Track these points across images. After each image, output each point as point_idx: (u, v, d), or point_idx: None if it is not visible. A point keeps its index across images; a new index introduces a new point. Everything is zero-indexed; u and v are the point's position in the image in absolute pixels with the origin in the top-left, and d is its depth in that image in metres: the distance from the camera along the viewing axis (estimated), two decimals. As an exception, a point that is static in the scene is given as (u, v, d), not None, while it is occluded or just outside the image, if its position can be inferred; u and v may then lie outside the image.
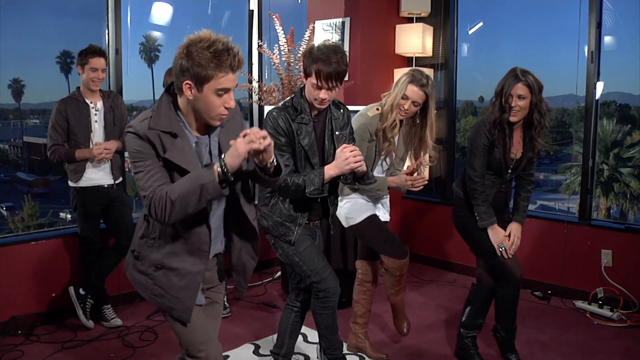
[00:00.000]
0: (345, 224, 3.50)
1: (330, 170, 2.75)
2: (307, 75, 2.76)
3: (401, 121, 3.36)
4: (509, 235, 3.34)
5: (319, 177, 2.75)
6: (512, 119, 3.16)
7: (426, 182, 3.33)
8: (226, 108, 2.04)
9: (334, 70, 2.67)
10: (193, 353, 2.27)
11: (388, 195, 3.64)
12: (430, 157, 3.41)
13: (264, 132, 1.94)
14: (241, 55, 2.01)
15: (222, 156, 1.96)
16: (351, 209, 3.44)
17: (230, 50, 1.96)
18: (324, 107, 2.83)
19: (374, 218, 3.47)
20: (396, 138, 3.40)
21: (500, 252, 3.26)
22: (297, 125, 2.81)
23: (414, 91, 3.21)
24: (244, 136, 1.93)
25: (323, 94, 2.73)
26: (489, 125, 3.21)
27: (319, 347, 3.32)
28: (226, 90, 2.00)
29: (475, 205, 3.29)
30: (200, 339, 2.26)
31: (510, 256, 3.27)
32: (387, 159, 3.47)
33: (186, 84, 1.97)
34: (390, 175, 3.48)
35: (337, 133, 2.92)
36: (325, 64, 2.67)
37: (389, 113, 3.27)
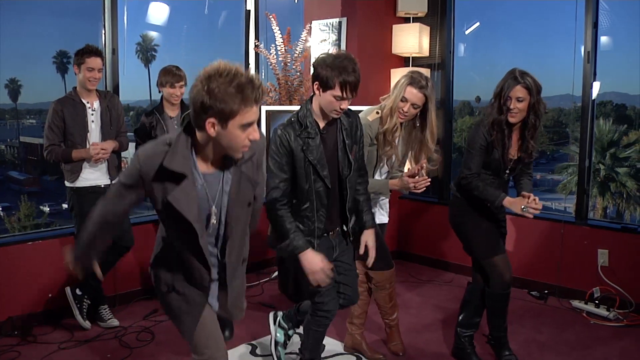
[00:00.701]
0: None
1: (303, 257, 2.74)
2: (326, 87, 2.68)
3: (401, 124, 3.33)
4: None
5: (294, 250, 2.75)
6: (511, 120, 3.16)
7: (429, 182, 3.26)
8: (251, 140, 1.99)
9: (357, 80, 2.68)
10: (197, 352, 2.31)
11: (388, 197, 3.63)
12: (433, 160, 3.39)
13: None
14: (263, 86, 1.97)
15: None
16: None
17: (253, 82, 1.90)
18: (338, 116, 2.80)
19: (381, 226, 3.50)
20: (397, 141, 3.39)
21: (524, 212, 3.11)
22: (303, 140, 2.77)
23: (412, 93, 3.19)
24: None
25: (345, 105, 2.73)
26: (487, 126, 3.21)
27: (274, 343, 3.42)
28: (251, 124, 1.96)
29: (480, 193, 3.22)
30: (205, 341, 2.29)
31: (538, 212, 3.14)
32: (388, 163, 3.47)
33: (209, 122, 1.91)
34: (391, 179, 3.47)
35: (347, 142, 2.88)
36: (349, 74, 2.65)
37: (389, 117, 3.25)
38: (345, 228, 2.99)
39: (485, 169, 3.29)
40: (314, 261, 2.72)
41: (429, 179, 3.27)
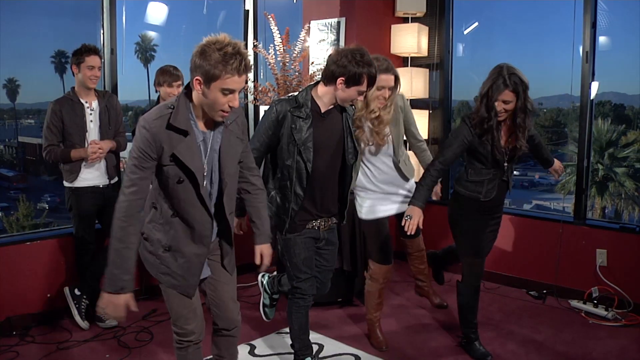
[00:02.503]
0: (360, 215, 3.62)
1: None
2: (355, 83, 2.78)
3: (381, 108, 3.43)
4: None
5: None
6: (498, 119, 3.18)
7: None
8: (230, 107, 2.22)
9: (377, 72, 2.83)
10: (182, 325, 2.51)
11: (412, 181, 3.69)
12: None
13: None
14: (249, 60, 2.19)
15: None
16: (370, 207, 3.56)
17: (239, 55, 2.13)
18: (347, 105, 2.96)
19: (381, 222, 3.57)
20: (387, 128, 3.46)
21: (405, 218, 3.19)
22: (292, 117, 2.85)
23: (382, 79, 3.24)
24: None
25: (361, 99, 2.91)
26: (474, 124, 3.22)
27: (261, 304, 3.62)
28: (231, 91, 2.17)
29: (419, 185, 3.28)
30: (189, 314, 2.51)
31: (411, 232, 3.20)
32: (386, 146, 3.53)
33: (196, 79, 2.17)
34: (401, 163, 3.59)
35: (353, 129, 3.03)
36: (374, 68, 2.80)
37: (366, 107, 3.36)
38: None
39: (483, 164, 3.30)
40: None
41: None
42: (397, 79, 3.37)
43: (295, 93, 2.96)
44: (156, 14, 6.23)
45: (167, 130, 2.21)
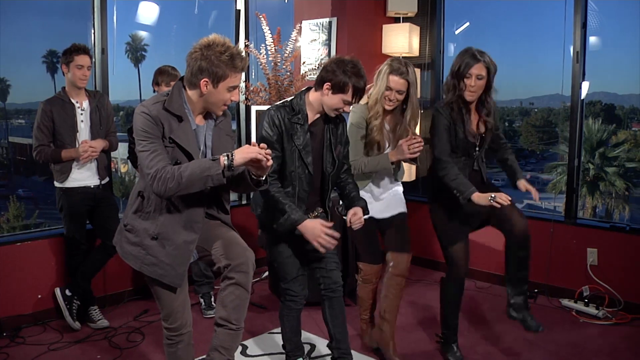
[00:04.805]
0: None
1: (302, 227, 2.86)
2: (339, 91, 2.81)
3: (389, 111, 3.40)
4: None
5: (294, 223, 2.86)
6: (469, 98, 3.17)
7: (422, 144, 3.26)
8: (232, 101, 2.42)
9: (365, 86, 2.83)
10: (173, 321, 2.57)
11: (400, 186, 3.64)
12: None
13: (270, 151, 2.30)
14: (247, 57, 2.43)
15: (232, 152, 2.27)
16: None
17: (241, 54, 2.35)
18: (335, 115, 2.96)
19: (369, 222, 3.48)
20: (386, 128, 3.44)
21: (491, 201, 3.06)
22: (292, 124, 2.88)
23: (395, 81, 3.25)
24: (259, 146, 2.27)
25: (348, 109, 2.90)
26: (444, 107, 3.22)
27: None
28: (235, 87, 2.40)
29: (450, 181, 3.18)
30: (180, 308, 2.56)
31: (506, 203, 3.07)
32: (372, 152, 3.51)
33: (204, 81, 2.33)
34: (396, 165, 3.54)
35: (332, 140, 3.01)
36: (362, 81, 2.80)
37: (374, 106, 3.33)
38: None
39: (454, 152, 3.28)
40: (314, 228, 2.84)
41: (422, 140, 3.28)
42: (409, 85, 3.29)
43: (289, 99, 2.97)
44: (147, 13, 6.22)
45: (165, 112, 2.35)
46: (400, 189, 3.63)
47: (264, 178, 2.42)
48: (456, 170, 3.21)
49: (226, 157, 2.27)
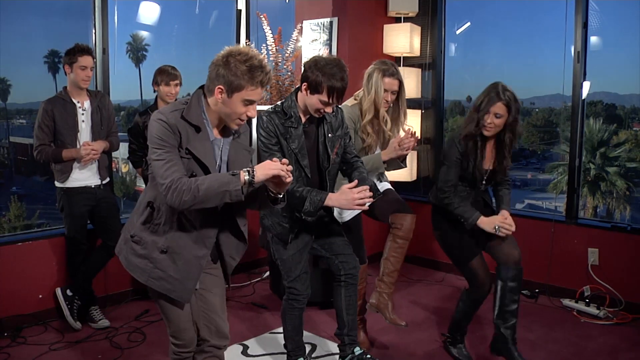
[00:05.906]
0: (337, 219, 3.45)
1: (330, 201, 2.85)
2: (315, 91, 2.80)
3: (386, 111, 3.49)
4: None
5: (319, 202, 2.85)
6: (486, 133, 3.18)
7: (413, 141, 3.37)
8: (248, 116, 2.26)
9: (344, 87, 2.79)
10: (180, 337, 2.47)
11: (388, 183, 3.70)
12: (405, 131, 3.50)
13: (291, 167, 2.20)
14: (271, 74, 2.26)
15: (253, 168, 2.16)
16: (339, 210, 3.44)
17: (264, 68, 2.18)
18: (320, 116, 2.93)
19: (357, 218, 3.53)
20: (386, 127, 3.50)
21: (496, 231, 3.19)
22: (285, 128, 2.89)
23: (389, 82, 3.38)
24: (280, 162, 2.17)
25: (329, 109, 2.86)
26: (461, 138, 3.23)
27: None
28: (251, 102, 2.23)
29: (454, 209, 3.26)
30: (188, 324, 2.47)
31: (510, 233, 3.21)
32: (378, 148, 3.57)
33: (219, 88, 2.20)
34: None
35: (329, 135, 3.00)
36: (338, 81, 2.76)
37: (373, 109, 3.39)
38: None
39: (460, 181, 3.32)
40: (344, 194, 2.81)
41: (412, 137, 3.37)
42: (401, 84, 3.46)
43: (279, 103, 2.97)
44: (148, 13, 6.22)
45: (182, 121, 2.23)
46: (387, 185, 3.69)
47: (281, 195, 2.32)
48: (459, 198, 3.27)
49: (247, 173, 2.15)
